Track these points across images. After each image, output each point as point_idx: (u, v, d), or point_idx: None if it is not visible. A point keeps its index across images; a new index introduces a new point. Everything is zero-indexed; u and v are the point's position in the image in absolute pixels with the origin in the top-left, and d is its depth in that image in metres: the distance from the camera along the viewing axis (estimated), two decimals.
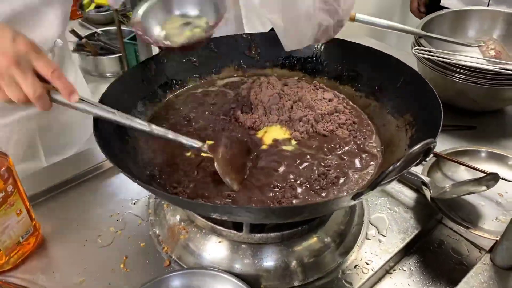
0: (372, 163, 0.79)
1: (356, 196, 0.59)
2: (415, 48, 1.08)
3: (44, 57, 0.66)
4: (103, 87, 0.81)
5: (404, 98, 0.84)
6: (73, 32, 3.03)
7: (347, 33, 0.94)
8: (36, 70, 0.65)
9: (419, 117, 0.78)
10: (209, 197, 0.71)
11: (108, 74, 3.13)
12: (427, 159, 0.61)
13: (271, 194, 0.72)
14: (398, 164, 0.54)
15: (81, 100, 0.68)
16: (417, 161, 0.60)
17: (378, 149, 0.82)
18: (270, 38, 0.95)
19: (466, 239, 0.82)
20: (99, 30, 3.35)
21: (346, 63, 0.97)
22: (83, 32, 3.36)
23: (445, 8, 1.44)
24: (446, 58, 1.03)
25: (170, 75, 0.96)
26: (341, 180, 0.75)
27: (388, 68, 0.88)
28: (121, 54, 2.70)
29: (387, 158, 0.79)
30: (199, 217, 0.76)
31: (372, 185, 0.56)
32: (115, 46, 3.15)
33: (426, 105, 0.76)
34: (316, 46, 0.98)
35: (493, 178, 0.72)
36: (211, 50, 0.99)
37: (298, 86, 0.94)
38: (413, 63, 0.98)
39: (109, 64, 3.11)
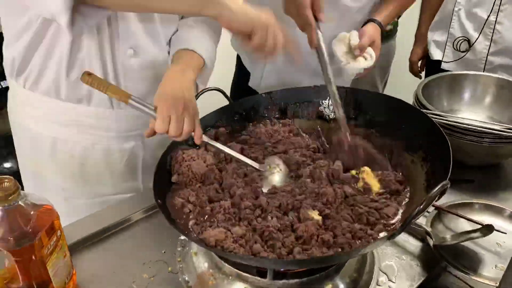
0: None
1: (391, 237, 0.70)
2: None
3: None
4: None
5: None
6: None
7: None
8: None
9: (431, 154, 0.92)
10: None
11: None
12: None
13: None
14: (422, 206, 0.66)
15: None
16: (436, 199, 0.72)
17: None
18: None
19: (470, 286, 0.89)
20: None
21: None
22: None
23: (445, 71, 1.57)
24: (446, 120, 1.14)
25: None
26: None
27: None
28: None
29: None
30: (226, 264, 0.84)
31: (404, 225, 0.69)
32: None
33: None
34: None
35: (487, 229, 0.82)
36: None
37: None
38: None
39: None
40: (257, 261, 0.78)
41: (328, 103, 1.13)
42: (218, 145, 0.97)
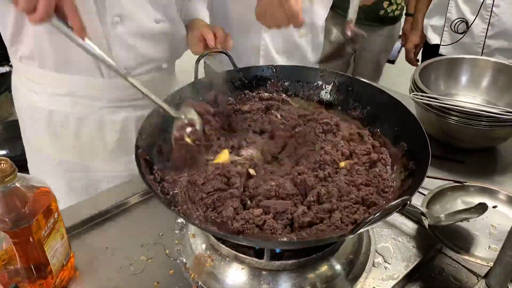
0: None
1: (340, 237, 0.70)
2: (413, 93, 1.19)
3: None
4: None
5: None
6: None
7: None
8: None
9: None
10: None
11: None
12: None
13: None
14: (377, 215, 0.65)
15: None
16: (397, 210, 0.70)
17: None
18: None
19: (465, 267, 0.90)
20: None
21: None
22: None
23: (443, 55, 1.57)
24: (441, 103, 1.14)
25: None
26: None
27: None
28: None
29: None
30: (223, 246, 0.85)
31: (353, 231, 0.68)
32: None
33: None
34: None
35: (481, 207, 0.83)
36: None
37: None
38: (410, 103, 1.09)
39: None
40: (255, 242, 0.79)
41: (330, 89, 1.13)
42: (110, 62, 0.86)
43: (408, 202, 0.66)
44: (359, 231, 0.68)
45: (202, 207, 0.83)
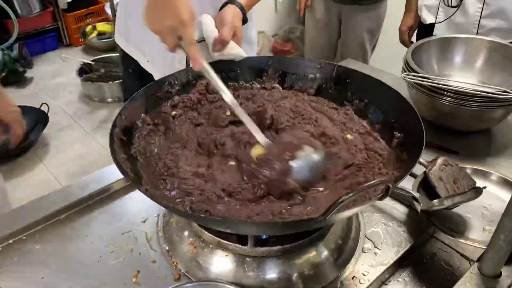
0: None
1: (320, 218, 0.63)
2: (405, 73, 1.15)
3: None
4: (103, 110, 0.91)
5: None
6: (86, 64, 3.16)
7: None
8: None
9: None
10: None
11: (109, 100, 3.22)
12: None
13: None
14: (350, 195, 0.60)
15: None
16: (379, 197, 0.66)
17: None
18: None
19: (457, 251, 0.87)
20: (99, 57, 3.47)
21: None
22: (85, 59, 3.47)
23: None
24: (434, 82, 1.10)
25: None
26: None
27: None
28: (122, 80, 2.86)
29: None
30: (206, 232, 0.82)
31: (326, 214, 0.62)
32: (115, 72, 3.26)
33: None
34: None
35: (476, 191, 0.79)
36: None
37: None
38: (402, 85, 1.05)
39: (110, 90, 3.21)
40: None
41: (329, 82, 1.05)
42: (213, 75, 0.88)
43: (390, 186, 0.62)
44: (329, 215, 0.62)
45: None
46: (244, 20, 1.11)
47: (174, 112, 0.97)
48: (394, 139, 0.89)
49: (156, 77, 1.31)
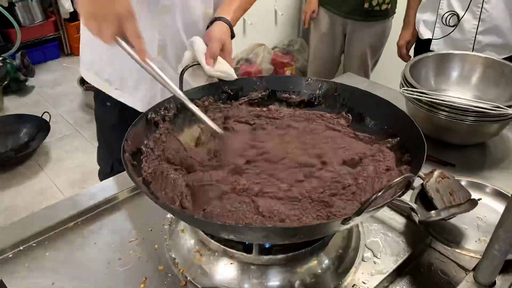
0: None
1: (345, 221, 0.67)
2: (403, 88, 1.19)
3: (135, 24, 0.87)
4: None
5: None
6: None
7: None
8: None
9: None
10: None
11: None
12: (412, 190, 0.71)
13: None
14: (380, 193, 0.63)
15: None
16: (400, 193, 0.69)
17: None
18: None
19: (453, 261, 0.90)
20: None
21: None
22: None
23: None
24: (431, 98, 1.14)
25: None
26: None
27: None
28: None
29: None
30: (212, 240, 0.84)
31: (359, 211, 0.65)
32: None
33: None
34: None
35: (472, 203, 0.83)
36: None
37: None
38: (399, 99, 1.08)
39: None
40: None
41: (318, 96, 1.09)
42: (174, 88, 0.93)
43: (412, 180, 0.65)
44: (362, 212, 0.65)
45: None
46: (232, 35, 1.15)
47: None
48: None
49: (130, 104, 1.30)
